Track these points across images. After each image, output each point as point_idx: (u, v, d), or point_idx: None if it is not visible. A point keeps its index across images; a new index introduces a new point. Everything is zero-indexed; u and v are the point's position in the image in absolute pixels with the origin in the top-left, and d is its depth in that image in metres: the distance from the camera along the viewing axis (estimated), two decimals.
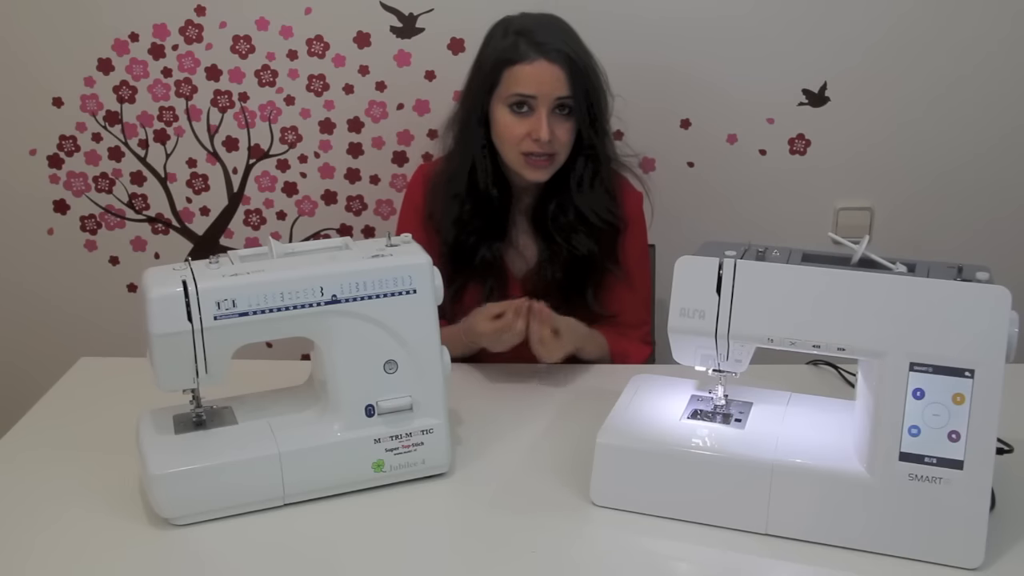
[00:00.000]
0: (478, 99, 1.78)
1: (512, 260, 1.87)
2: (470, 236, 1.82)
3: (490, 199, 1.82)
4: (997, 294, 1.19)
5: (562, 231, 1.82)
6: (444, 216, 1.83)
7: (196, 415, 1.39)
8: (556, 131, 1.73)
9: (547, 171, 1.78)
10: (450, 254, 1.83)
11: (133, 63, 2.22)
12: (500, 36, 1.77)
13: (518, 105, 1.73)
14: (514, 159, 1.77)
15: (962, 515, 1.21)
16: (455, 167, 1.84)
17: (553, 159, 1.77)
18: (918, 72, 2.18)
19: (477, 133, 1.80)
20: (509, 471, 1.45)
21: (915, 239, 2.29)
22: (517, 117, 1.74)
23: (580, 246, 1.81)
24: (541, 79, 1.71)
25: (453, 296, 1.81)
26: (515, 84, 1.73)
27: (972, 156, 2.25)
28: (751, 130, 2.24)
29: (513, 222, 1.87)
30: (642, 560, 1.27)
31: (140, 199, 2.32)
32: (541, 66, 1.71)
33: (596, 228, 1.82)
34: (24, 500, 1.39)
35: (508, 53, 1.73)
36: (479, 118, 1.79)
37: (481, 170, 1.80)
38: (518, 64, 1.72)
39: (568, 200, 1.81)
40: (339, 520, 1.34)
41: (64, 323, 2.41)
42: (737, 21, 2.16)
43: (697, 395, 1.45)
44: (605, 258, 1.84)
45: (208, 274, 1.31)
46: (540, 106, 1.72)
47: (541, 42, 1.72)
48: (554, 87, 1.72)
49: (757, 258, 1.30)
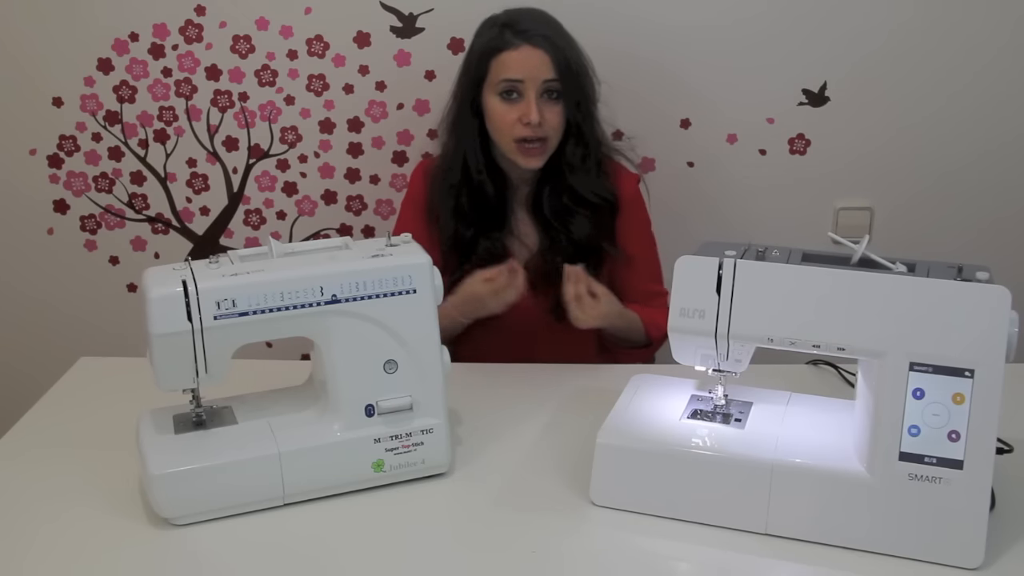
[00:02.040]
0: (469, 91, 1.85)
1: (515, 249, 1.90)
2: (469, 227, 1.87)
3: (485, 191, 1.87)
4: (997, 294, 1.19)
5: (558, 216, 1.87)
6: (442, 208, 1.88)
7: (196, 415, 1.39)
8: (546, 114, 1.79)
9: (540, 158, 1.83)
10: (451, 245, 1.87)
11: (133, 63, 2.22)
12: (486, 30, 1.85)
13: (507, 93, 1.80)
14: (508, 147, 1.82)
15: (962, 515, 1.21)
16: (450, 159, 1.89)
17: (545, 144, 1.82)
18: (919, 72, 2.18)
19: (470, 124, 1.85)
20: (509, 471, 1.45)
21: (915, 239, 2.29)
22: (508, 104, 1.80)
23: (576, 230, 1.86)
24: (527, 63, 1.78)
25: (452, 286, 1.82)
26: (503, 70, 1.79)
27: (972, 156, 2.25)
28: (751, 130, 2.24)
29: (512, 212, 1.91)
30: (642, 560, 1.27)
31: (140, 199, 2.32)
32: (526, 51, 1.78)
33: (592, 210, 1.86)
34: (24, 499, 1.39)
35: (494, 43, 1.81)
36: (471, 110, 1.85)
37: (472, 160, 1.86)
38: (504, 52, 1.80)
39: (561, 183, 1.86)
40: (339, 520, 1.34)
41: (64, 323, 2.41)
42: (737, 21, 2.16)
43: (697, 395, 1.45)
44: (603, 240, 1.88)
45: (208, 274, 1.31)
46: (528, 90, 1.78)
47: (525, 29, 1.80)
48: (540, 70, 1.78)
49: (757, 258, 1.30)
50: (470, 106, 1.85)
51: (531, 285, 1.86)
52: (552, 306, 1.84)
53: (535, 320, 1.86)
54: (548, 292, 1.85)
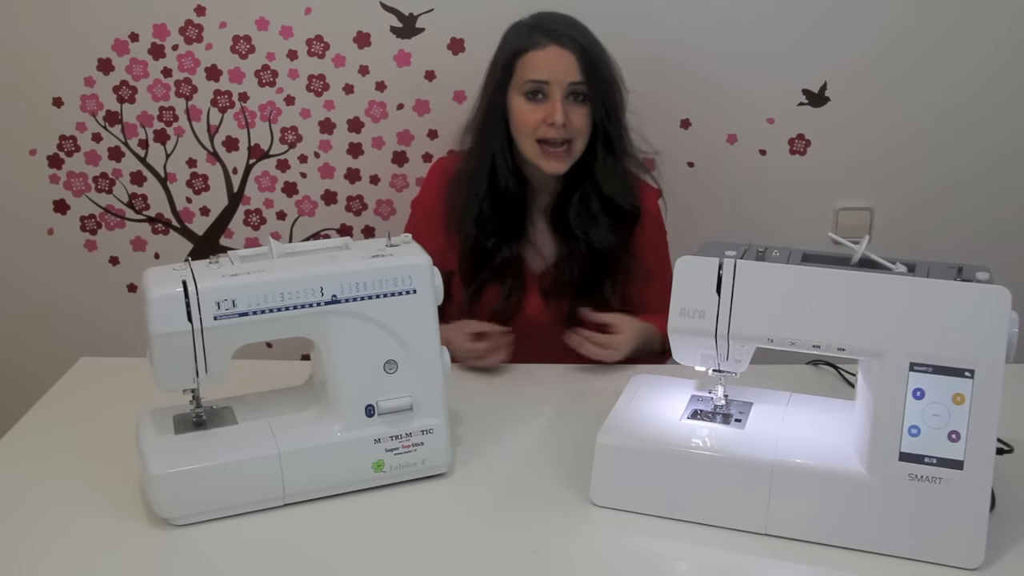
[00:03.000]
0: (496, 94, 1.82)
1: (531, 258, 1.89)
2: (490, 236, 1.84)
3: (509, 197, 1.84)
4: (997, 294, 1.19)
5: (582, 224, 1.84)
6: (464, 216, 1.85)
7: (196, 415, 1.39)
8: (571, 116, 1.76)
9: (564, 162, 1.80)
10: (471, 253, 1.85)
11: (133, 63, 2.22)
12: (513, 33, 1.83)
13: (533, 94, 1.77)
14: (530, 149, 1.79)
15: (962, 515, 1.21)
16: (475, 165, 1.86)
17: (570, 148, 1.79)
18: (918, 72, 2.18)
19: (497, 127, 1.82)
20: (509, 471, 1.45)
21: (915, 239, 2.29)
22: (532, 104, 1.77)
23: (598, 240, 1.83)
24: (554, 64, 1.76)
25: (472, 295, 1.84)
26: (529, 71, 1.77)
27: (972, 156, 2.25)
28: (751, 130, 2.24)
29: (531, 220, 1.89)
30: (642, 560, 1.27)
31: (140, 199, 2.32)
32: (553, 51, 1.76)
33: (616, 220, 1.84)
34: (24, 500, 1.39)
35: (521, 43, 1.79)
36: (498, 112, 1.82)
37: (501, 163, 1.83)
38: (531, 51, 1.77)
39: (592, 188, 1.83)
40: (339, 520, 1.34)
41: (64, 323, 2.41)
42: (737, 20, 2.16)
43: (697, 395, 1.45)
44: (622, 252, 1.86)
45: (208, 274, 1.31)
46: (554, 91, 1.76)
47: (552, 29, 1.78)
48: (567, 72, 1.76)
49: (757, 258, 1.30)
50: (498, 109, 1.82)
51: (544, 296, 1.86)
52: (564, 316, 1.83)
53: (545, 328, 1.84)
54: (561, 303, 1.85)
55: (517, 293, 1.85)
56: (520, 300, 1.86)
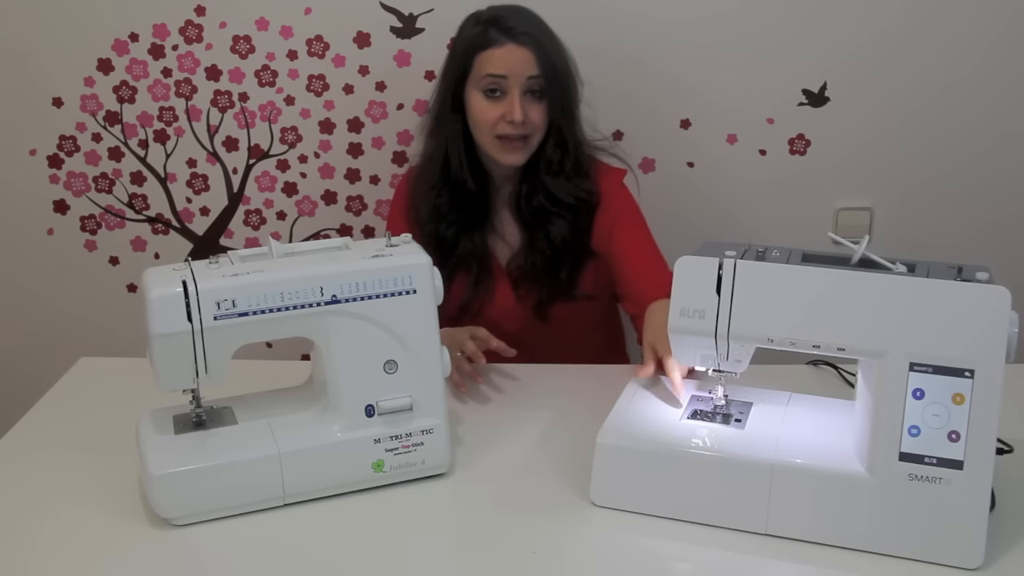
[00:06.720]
0: (451, 88, 1.84)
1: (498, 248, 1.90)
2: (450, 227, 1.86)
3: (465, 188, 1.85)
4: (997, 294, 1.19)
5: (536, 216, 1.86)
6: (422, 207, 1.88)
7: (196, 415, 1.39)
8: (529, 113, 1.78)
9: (522, 154, 1.82)
10: (433, 244, 1.85)
11: (133, 63, 2.22)
12: (470, 27, 1.84)
13: (491, 91, 1.79)
14: (489, 143, 1.81)
15: (962, 515, 1.21)
16: (430, 158, 1.89)
17: (527, 141, 1.81)
18: (918, 72, 2.18)
19: (451, 120, 1.84)
20: (509, 471, 1.45)
21: (915, 239, 2.29)
22: (491, 101, 1.79)
23: (554, 231, 1.85)
24: (511, 60, 1.77)
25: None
26: (487, 66, 1.78)
27: (972, 156, 2.25)
28: (751, 130, 2.24)
29: (496, 211, 1.91)
30: (642, 560, 1.27)
31: (140, 199, 2.32)
32: (510, 49, 1.78)
33: (571, 211, 1.85)
34: (24, 500, 1.39)
35: (478, 39, 1.80)
36: (453, 106, 1.84)
37: (454, 154, 1.84)
38: (488, 48, 1.79)
39: (538, 183, 1.85)
40: (339, 520, 1.34)
41: (64, 323, 2.41)
42: (737, 21, 2.16)
43: (697, 395, 1.45)
44: (585, 240, 1.86)
45: (208, 274, 1.31)
46: (512, 87, 1.77)
47: (510, 27, 1.79)
48: (524, 67, 1.77)
49: (757, 258, 1.29)
50: (452, 102, 1.83)
51: (514, 285, 1.87)
52: (534, 304, 1.86)
53: (519, 319, 1.87)
54: (531, 291, 1.87)
55: (485, 283, 1.87)
56: (489, 289, 1.88)
